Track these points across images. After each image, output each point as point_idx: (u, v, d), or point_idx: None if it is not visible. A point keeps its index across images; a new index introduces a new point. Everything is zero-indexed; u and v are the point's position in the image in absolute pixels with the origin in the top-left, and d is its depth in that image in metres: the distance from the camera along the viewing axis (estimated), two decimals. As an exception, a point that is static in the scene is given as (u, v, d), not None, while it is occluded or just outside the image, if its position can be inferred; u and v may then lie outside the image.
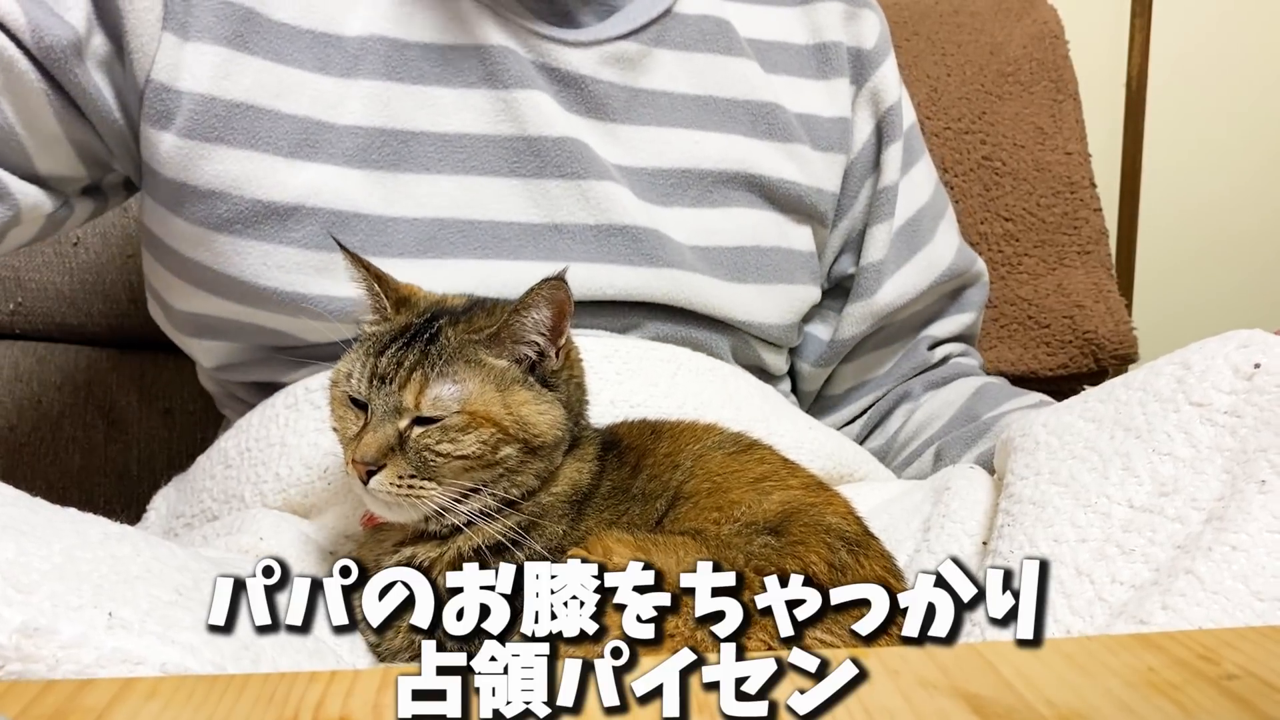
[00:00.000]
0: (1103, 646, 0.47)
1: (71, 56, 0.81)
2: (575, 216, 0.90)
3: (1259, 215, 1.79)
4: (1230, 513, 0.59)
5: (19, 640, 0.48)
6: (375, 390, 0.66)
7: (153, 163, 0.85)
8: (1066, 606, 0.62)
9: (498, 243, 0.89)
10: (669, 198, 0.94)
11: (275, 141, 0.85)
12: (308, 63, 0.86)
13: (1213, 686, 0.43)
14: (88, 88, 0.83)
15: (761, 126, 0.98)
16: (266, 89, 0.84)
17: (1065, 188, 1.36)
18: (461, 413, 0.65)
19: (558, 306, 0.67)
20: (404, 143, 0.88)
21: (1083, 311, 1.33)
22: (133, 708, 0.43)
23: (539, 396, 0.68)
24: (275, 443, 0.86)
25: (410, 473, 0.65)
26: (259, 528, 0.79)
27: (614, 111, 0.93)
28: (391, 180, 0.87)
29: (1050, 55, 1.40)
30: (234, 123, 0.84)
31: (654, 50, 0.95)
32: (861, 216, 1.04)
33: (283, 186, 0.84)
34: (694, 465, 0.70)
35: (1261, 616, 0.55)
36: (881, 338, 1.07)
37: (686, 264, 0.93)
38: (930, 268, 1.05)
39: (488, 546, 0.66)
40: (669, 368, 0.89)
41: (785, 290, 0.99)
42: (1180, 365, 0.68)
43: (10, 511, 0.56)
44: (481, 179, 0.89)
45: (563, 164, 0.90)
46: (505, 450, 0.66)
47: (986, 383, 1.04)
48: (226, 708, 0.43)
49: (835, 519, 0.66)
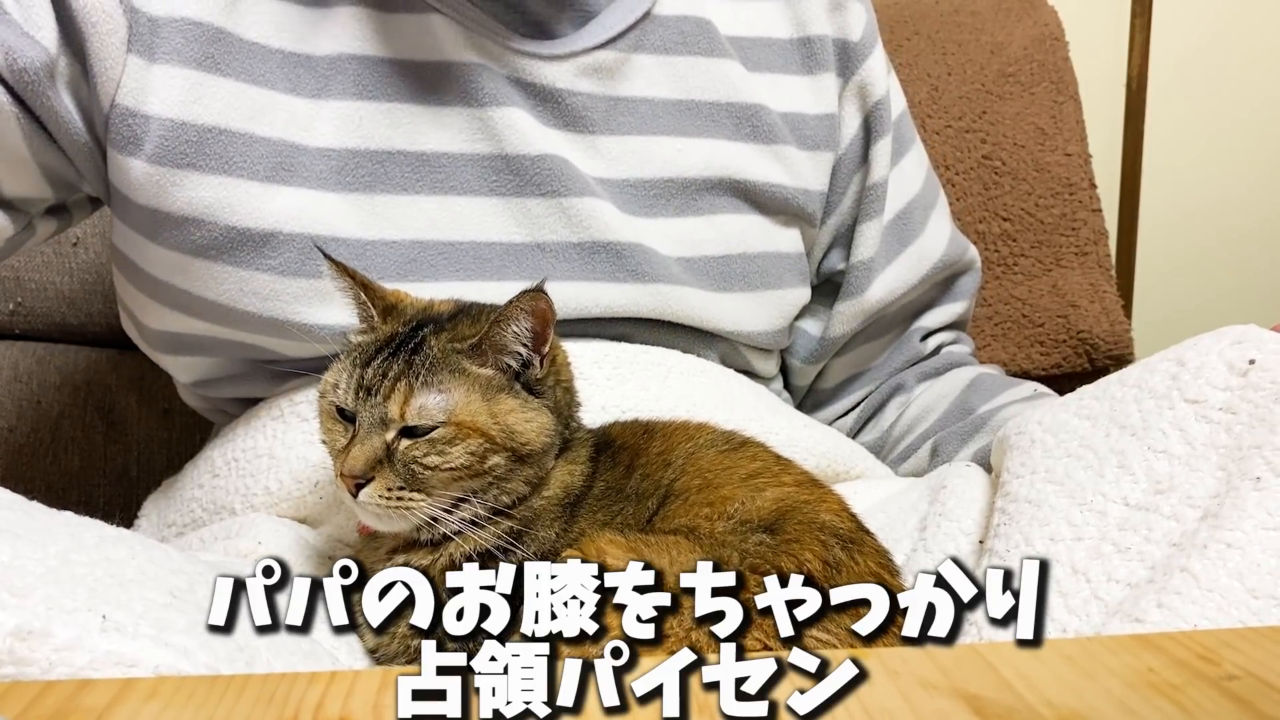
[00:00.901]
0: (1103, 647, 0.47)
1: (44, 79, 0.78)
2: (558, 234, 0.88)
3: (1259, 216, 1.79)
4: (1225, 510, 0.59)
5: (13, 643, 0.48)
6: (361, 402, 0.66)
7: (123, 188, 0.82)
8: (1063, 605, 0.62)
9: (480, 263, 0.87)
10: (653, 209, 0.92)
11: (250, 166, 0.82)
12: (279, 83, 0.83)
13: (1213, 687, 0.43)
14: (59, 110, 0.80)
15: (745, 129, 0.96)
16: (239, 112, 0.82)
17: (1064, 188, 1.36)
18: (448, 424, 0.65)
19: (539, 316, 0.67)
20: (379, 163, 0.85)
21: (1077, 311, 1.33)
22: (132, 708, 0.43)
23: (525, 404, 0.68)
24: (263, 454, 0.85)
25: (399, 484, 0.65)
26: (258, 532, 0.79)
27: (593, 124, 0.90)
28: (369, 203, 0.84)
29: (1051, 56, 1.40)
30: (206, 148, 0.81)
31: (633, 56, 0.92)
32: (850, 212, 1.02)
33: (259, 212, 0.82)
34: (685, 463, 0.70)
35: (1257, 614, 0.55)
36: (872, 330, 1.05)
37: (673, 277, 0.91)
38: (921, 261, 1.03)
39: (478, 554, 0.66)
40: (660, 371, 0.88)
41: (774, 296, 0.98)
42: (1175, 362, 0.67)
43: (5, 515, 0.56)
44: (461, 199, 0.87)
45: (543, 182, 0.87)
46: (493, 459, 0.66)
47: (981, 373, 1.03)
48: (226, 708, 0.43)
49: (829, 516, 0.66)
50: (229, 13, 0.82)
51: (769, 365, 1.02)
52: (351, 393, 0.67)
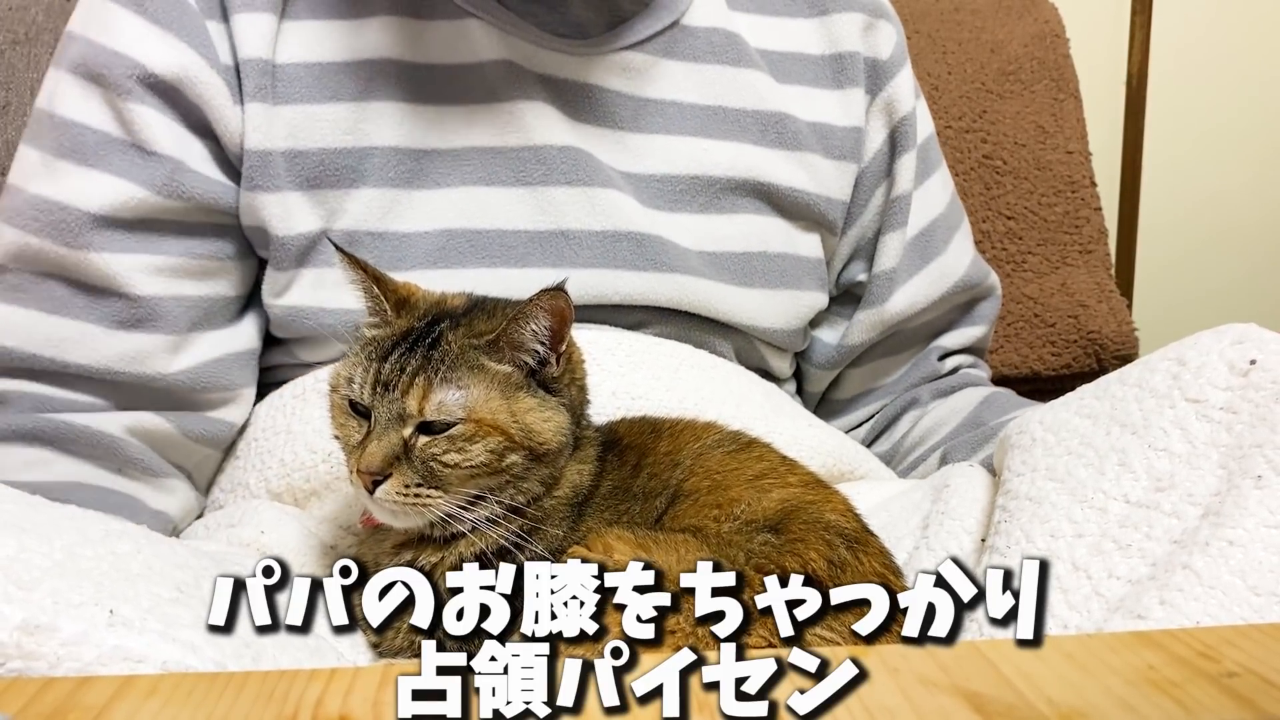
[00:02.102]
0: (1103, 644, 0.47)
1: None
2: (581, 222, 0.90)
3: (1260, 213, 1.79)
4: (1227, 508, 0.59)
5: (20, 638, 0.48)
6: (379, 397, 0.65)
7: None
8: (1064, 601, 0.62)
9: (505, 250, 0.90)
10: (676, 204, 0.94)
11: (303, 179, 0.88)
12: (321, 96, 0.88)
13: (1213, 684, 0.43)
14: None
15: (771, 135, 0.98)
16: (298, 133, 0.87)
17: (1066, 186, 1.36)
18: (468, 420, 0.64)
19: (558, 315, 0.66)
20: (417, 160, 0.89)
21: (1086, 311, 1.32)
22: (132, 705, 0.43)
23: (543, 403, 0.67)
24: (281, 430, 0.86)
25: (417, 481, 0.64)
26: (260, 520, 0.79)
27: (621, 120, 0.93)
28: (406, 197, 0.88)
29: (1051, 54, 1.40)
30: (270, 169, 0.87)
31: (661, 61, 0.95)
32: (873, 224, 1.04)
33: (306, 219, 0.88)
34: (693, 463, 0.70)
35: (1258, 611, 0.55)
36: (891, 345, 1.07)
37: (692, 269, 0.93)
38: (943, 278, 1.05)
39: (490, 552, 0.66)
40: (672, 362, 0.89)
41: (792, 296, 0.99)
42: (1176, 361, 0.68)
43: (10, 508, 0.56)
44: (489, 189, 0.90)
45: (567, 171, 0.90)
46: (511, 458, 0.65)
47: (994, 392, 1.04)
48: (226, 705, 0.43)
49: (834, 516, 0.66)
50: (272, 43, 0.87)
51: (783, 364, 1.04)
52: (369, 387, 0.66)
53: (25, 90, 1.25)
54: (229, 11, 0.86)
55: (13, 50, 1.27)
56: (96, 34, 0.84)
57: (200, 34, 0.85)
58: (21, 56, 1.26)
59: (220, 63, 0.85)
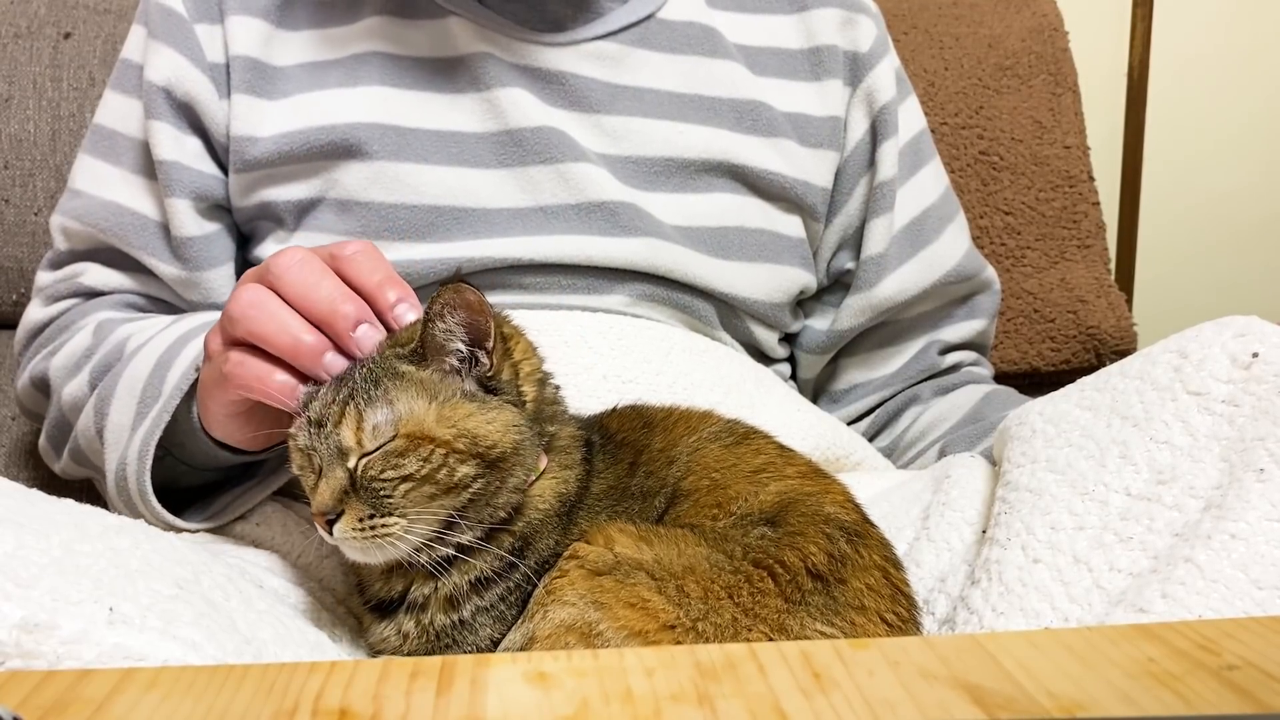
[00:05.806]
0: (1103, 637, 0.47)
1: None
2: (557, 197, 0.93)
3: (1261, 209, 1.78)
4: (1229, 501, 0.59)
5: (19, 636, 0.48)
6: (316, 436, 0.63)
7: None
8: (1065, 594, 0.62)
9: (488, 226, 0.93)
10: (652, 184, 0.96)
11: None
12: (310, 87, 0.94)
13: (1213, 677, 0.43)
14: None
15: (746, 122, 0.99)
16: (286, 117, 0.93)
17: (1064, 182, 1.36)
18: (398, 436, 0.62)
19: (468, 308, 0.63)
20: (402, 135, 0.93)
21: (1086, 307, 1.32)
22: (132, 698, 0.43)
23: (484, 405, 0.64)
24: None
25: (369, 513, 0.61)
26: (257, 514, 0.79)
27: (596, 104, 0.96)
28: (393, 169, 0.92)
29: (1049, 48, 1.40)
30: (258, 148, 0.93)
31: (636, 50, 0.98)
32: (858, 214, 1.05)
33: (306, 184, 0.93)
34: (690, 460, 0.70)
35: (1261, 605, 0.55)
36: (885, 335, 1.07)
37: (665, 235, 0.95)
38: (934, 266, 1.05)
39: (484, 577, 0.64)
40: (663, 346, 0.90)
41: (771, 270, 1.00)
42: (1177, 354, 0.68)
43: (7, 504, 0.56)
44: (473, 171, 0.93)
45: (542, 150, 0.93)
46: (463, 470, 0.62)
47: (996, 389, 1.04)
48: (226, 698, 0.43)
49: (834, 508, 0.66)
50: (265, 46, 0.94)
51: (772, 340, 1.04)
52: (307, 430, 0.64)
53: (27, 83, 1.25)
54: (225, 14, 0.94)
55: (14, 44, 1.26)
56: (125, 52, 0.98)
57: (188, 38, 0.93)
58: (23, 50, 1.26)
59: (206, 61, 0.93)
